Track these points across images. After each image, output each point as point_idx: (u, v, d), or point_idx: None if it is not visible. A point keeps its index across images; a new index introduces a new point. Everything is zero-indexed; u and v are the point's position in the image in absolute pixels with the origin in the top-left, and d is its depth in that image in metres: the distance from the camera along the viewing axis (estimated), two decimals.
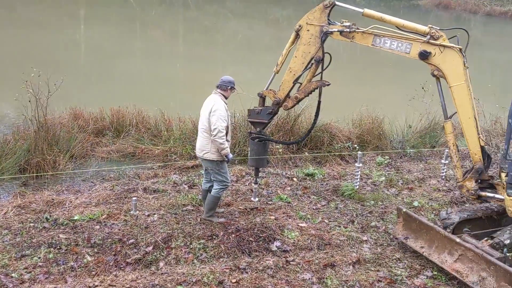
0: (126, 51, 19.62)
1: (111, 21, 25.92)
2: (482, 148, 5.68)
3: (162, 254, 5.50)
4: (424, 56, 5.56)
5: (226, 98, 6.23)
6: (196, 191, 7.37)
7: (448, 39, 5.56)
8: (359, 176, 8.05)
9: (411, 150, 9.96)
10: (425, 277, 5.40)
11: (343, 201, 7.46)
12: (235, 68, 17.46)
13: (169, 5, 33.93)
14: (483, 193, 5.80)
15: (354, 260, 5.64)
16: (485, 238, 5.59)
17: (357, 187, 7.92)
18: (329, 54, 6.17)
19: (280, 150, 9.11)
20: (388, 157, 9.62)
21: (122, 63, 17.17)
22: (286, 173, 8.48)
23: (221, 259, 5.47)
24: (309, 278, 5.20)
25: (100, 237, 5.79)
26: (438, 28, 5.56)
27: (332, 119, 10.10)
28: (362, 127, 10.28)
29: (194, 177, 7.95)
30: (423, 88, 10.35)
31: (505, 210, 5.58)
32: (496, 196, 5.72)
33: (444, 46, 5.49)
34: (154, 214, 6.54)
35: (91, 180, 7.83)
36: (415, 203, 7.43)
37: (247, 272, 5.22)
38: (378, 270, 5.49)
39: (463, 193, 6.01)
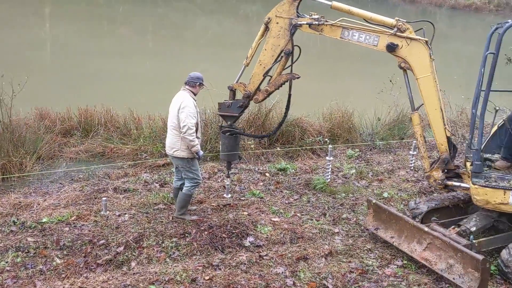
0: (94, 49, 19.22)
1: (78, 19, 25.34)
2: (448, 138, 5.79)
3: (134, 254, 5.44)
4: (391, 48, 5.61)
5: (195, 94, 6.17)
6: (168, 189, 7.31)
7: (415, 31, 5.63)
8: (330, 169, 8.13)
9: (380, 142, 10.12)
10: (396, 266, 5.50)
11: (315, 195, 7.52)
12: (206, 64, 17.35)
13: (137, 1, 33.41)
14: (449, 183, 5.91)
15: (327, 252, 5.70)
16: (452, 226, 5.73)
17: (329, 180, 8.00)
18: (298, 47, 6.18)
19: (252, 146, 9.12)
20: (358, 149, 9.75)
21: (90, 61, 16.82)
22: (258, 169, 8.50)
23: (194, 257, 5.44)
24: (282, 272, 5.22)
25: (69, 239, 5.67)
26: (405, 20, 5.63)
27: (303, 114, 10.16)
28: (332, 121, 10.39)
29: (165, 175, 7.88)
30: (391, 81, 10.53)
31: (471, 198, 5.71)
32: (462, 185, 5.84)
33: (411, 39, 5.56)
34: (125, 214, 6.45)
35: (59, 182, 7.66)
36: (385, 194, 7.56)
37: (220, 269, 5.21)
38: (350, 261, 5.56)
39: (430, 183, 6.12)
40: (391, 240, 5.83)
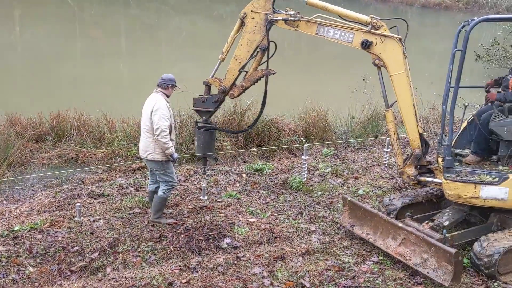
0: (66, 52, 18.92)
1: (48, 22, 24.90)
2: (420, 135, 5.86)
3: (109, 259, 5.36)
4: (366, 45, 5.64)
5: (168, 96, 6.11)
6: (143, 193, 7.23)
7: (389, 29, 5.69)
8: (306, 168, 8.18)
9: (355, 140, 10.23)
10: (372, 262, 5.56)
11: (291, 194, 7.56)
12: (181, 65, 17.27)
13: (108, 3, 32.97)
14: (422, 178, 6.00)
15: (304, 251, 5.72)
16: (426, 221, 5.80)
17: (305, 179, 8.05)
18: (274, 42, 6.14)
19: (228, 147, 9.11)
20: (333, 148, 9.84)
21: (62, 65, 16.56)
22: (235, 170, 8.49)
23: (171, 260, 5.40)
24: (260, 272, 5.22)
25: (42, 247, 5.56)
26: (379, 18, 5.67)
27: (278, 114, 10.20)
28: (307, 120, 10.45)
29: (141, 179, 7.80)
30: (364, 79, 10.66)
31: (443, 193, 5.81)
32: (435, 180, 5.93)
33: (385, 36, 5.60)
34: (100, 219, 6.36)
35: (31, 188, 7.50)
36: (360, 192, 7.64)
37: (197, 272, 5.18)
38: (326, 259, 5.60)
39: (404, 179, 6.20)
40: (367, 236, 5.89)
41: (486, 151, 5.95)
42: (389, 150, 8.99)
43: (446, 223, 5.70)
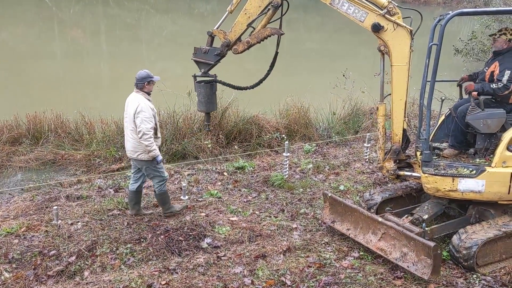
0: (44, 52, 18.63)
1: (26, 22, 24.50)
2: (404, 130, 5.89)
3: (87, 263, 5.27)
4: (376, 28, 5.50)
5: (149, 94, 6.02)
6: (122, 194, 7.14)
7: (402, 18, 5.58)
8: (287, 165, 8.16)
9: (336, 136, 10.24)
10: (352, 258, 5.56)
11: (273, 191, 7.53)
12: (162, 64, 17.14)
13: (87, 3, 32.55)
14: (401, 172, 6.05)
15: (285, 249, 5.69)
16: (406, 215, 5.83)
17: (286, 176, 8.02)
18: (287, 1, 5.85)
19: (210, 146, 9.04)
20: (315, 144, 9.83)
21: (40, 65, 16.28)
22: (216, 168, 8.43)
23: (150, 262, 5.33)
24: (241, 272, 5.19)
25: (18, 252, 5.44)
26: (396, 4, 5.55)
27: (259, 111, 10.17)
28: (289, 117, 10.44)
29: (120, 180, 7.70)
30: (344, 75, 10.69)
31: (422, 187, 5.85)
32: (413, 174, 5.97)
33: (398, 24, 5.49)
34: (78, 222, 6.25)
35: (8, 192, 7.35)
36: (341, 187, 7.65)
37: (177, 273, 5.12)
38: (308, 256, 5.58)
39: (383, 173, 6.23)
40: (347, 232, 5.89)
41: (463, 144, 5.99)
42: (369, 145, 9.02)
43: (425, 216, 5.72)
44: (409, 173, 6.02)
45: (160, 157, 6.03)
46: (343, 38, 23.38)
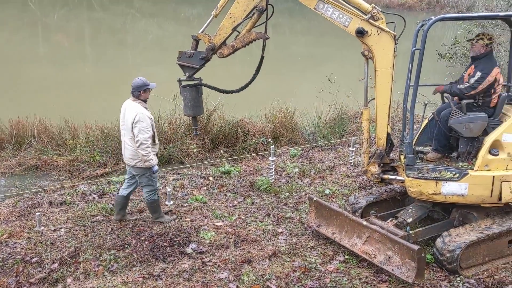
0: (28, 57, 18.40)
1: (9, 26, 24.21)
2: (388, 134, 5.92)
3: (70, 269, 5.19)
4: (360, 33, 5.52)
5: (145, 101, 6.01)
6: (106, 200, 7.07)
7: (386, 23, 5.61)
8: (273, 169, 8.16)
9: (322, 140, 10.27)
10: (338, 262, 5.57)
11: (259, 196, 7.51)
12: (148, 69, 17.02)
13: (72, 7, 32.30)
14: (385, 176, 6.06)
15: (270, 253, 5.68)
16: (390, 219, 5.86)
17: (272, 180, 8.02)
18: (272, 6, 5.86)
19: (195, 150, 9.01)
20: (301, 148, 9.85)
21: (24, 70, 16.08)
22: (201, 173, 8.39)
23: (134, 268, 5.27)
24: (226, 277, 5.16)
25: (0, 259, 5.35)
26: (380, 9, 5.59)
27: (245, 115, 10.16)
28: (275, 121, 10.44)
29: (104, 185, 7.62)
30: (329, 79, 10.73)
31: (406, 190, 5.88)
32: (397, 177, 6.00)
33: (382, 29, 5.51)
34: (61, 228, 6.17)
35: None
36: (327, 191, 7.67)
37: (161, 279, 5.07)
38: (293, 260, 5.57)
39: (368, 177, 6.25)
40: (333, 236, 5.90)
41: (446, 147, 6.05)
42: (354, 149, 9.06)
43: (409, 220, 5.76)
44: (393, 177, 6.05)
45: (156, 167, 6.02)
46: (328, 41, 23.49)
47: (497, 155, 5.49)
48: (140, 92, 5.92)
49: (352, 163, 8.96)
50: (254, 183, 7.89)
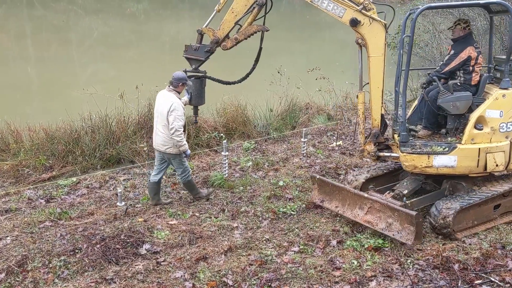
0: None
1: None
2: (382, 115, 6.36)
3: (17, 279, 4.98)
4: (354, 23, 5.97)
5: (179, 93, 6.43)
6: (54, 204, 6.82)
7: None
8: (227, 164, 8.13)
9: (274, 133, 10.33)
10: (293, 252, 5.62)
11: (213, 191, 7.46)
12: (95, 66, 16.56)
13: (10, 5, 30.83)
14: (381, 154, 6.52)
15: (226, 249, 5.66)
16: (387, 192, 6.34)
17: (226, 175, 8.00)
18: (271, 0, 6.38)
19: (146, 149, 8.82)
20: (254, 142, 9.87)
21: None
22: None
23: (86, 273, 5.12)
24: (181, 276, 5.10)
25: None
26: (371, 0, 5.99)
27: None
28: (226, 115, 10.39)
29: (51, 190, 7.35)
30: (279, 72, 10.80)
31: (400, 167, 6.45)
32: (393, 154, 6.48)
33: (373, 19, 5.96)
34: (7, 236, 5.91)
35: None
36: (281, 183, 7.72)
37: (115, 282, 4.95)
38: (249, 254, 5.58)
39: (365, 156, 6.71)
40: (336, 209, 6.35)
41: (436, 125, 6.56)
42: (306, 140, 9.17)
43: (405, 191, 6.26)
44: (388, 154, 6.50)
45: (189, 151, 6.60)
46: (277, 34, 23.60)
47: (481, 129, 6.00)
48: (179, 84, 6.41)
49: (305, 154, 9.07)
50: (208, 179, 7.84)
